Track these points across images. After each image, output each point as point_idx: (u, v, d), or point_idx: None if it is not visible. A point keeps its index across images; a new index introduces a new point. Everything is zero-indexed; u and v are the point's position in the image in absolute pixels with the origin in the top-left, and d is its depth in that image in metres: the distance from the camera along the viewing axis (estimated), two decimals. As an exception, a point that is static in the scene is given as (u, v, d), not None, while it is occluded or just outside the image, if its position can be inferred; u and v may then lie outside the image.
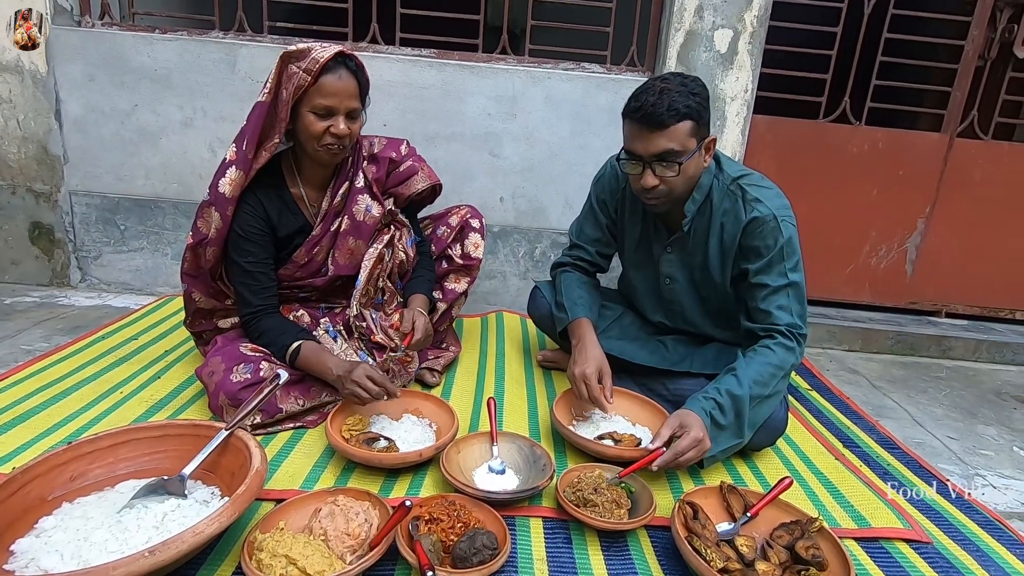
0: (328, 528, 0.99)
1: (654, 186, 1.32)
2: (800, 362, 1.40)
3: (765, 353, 1.35)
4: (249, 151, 1.33)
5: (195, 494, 1.05)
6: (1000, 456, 1.64)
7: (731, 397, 1.29)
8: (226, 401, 1.32)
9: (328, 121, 1.32)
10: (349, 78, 1.32)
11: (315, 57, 1.27)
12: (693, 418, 1.24)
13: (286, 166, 1.46)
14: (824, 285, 2.56)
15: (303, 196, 1.47)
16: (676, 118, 1.25)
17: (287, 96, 1.29)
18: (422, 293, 1.60)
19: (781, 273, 1.37)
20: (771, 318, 1.38)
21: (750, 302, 1.43)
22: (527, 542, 1.09)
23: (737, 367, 1.34)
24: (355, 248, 1.52)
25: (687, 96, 1.26)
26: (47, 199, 2.28)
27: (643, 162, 1.31)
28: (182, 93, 2.21)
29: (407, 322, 1.47)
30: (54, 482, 1.02)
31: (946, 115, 2.39)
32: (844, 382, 2.07)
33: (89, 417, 1.39)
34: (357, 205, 1.49)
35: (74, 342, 1.77)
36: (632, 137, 1.32)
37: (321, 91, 1.29)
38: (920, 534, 1.20)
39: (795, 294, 1.38)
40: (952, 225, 2.50)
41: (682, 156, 1.29)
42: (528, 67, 2.26)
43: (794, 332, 1.37)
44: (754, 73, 2.24)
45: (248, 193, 1.39)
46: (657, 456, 1.19)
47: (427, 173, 1.63)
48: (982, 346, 2.40)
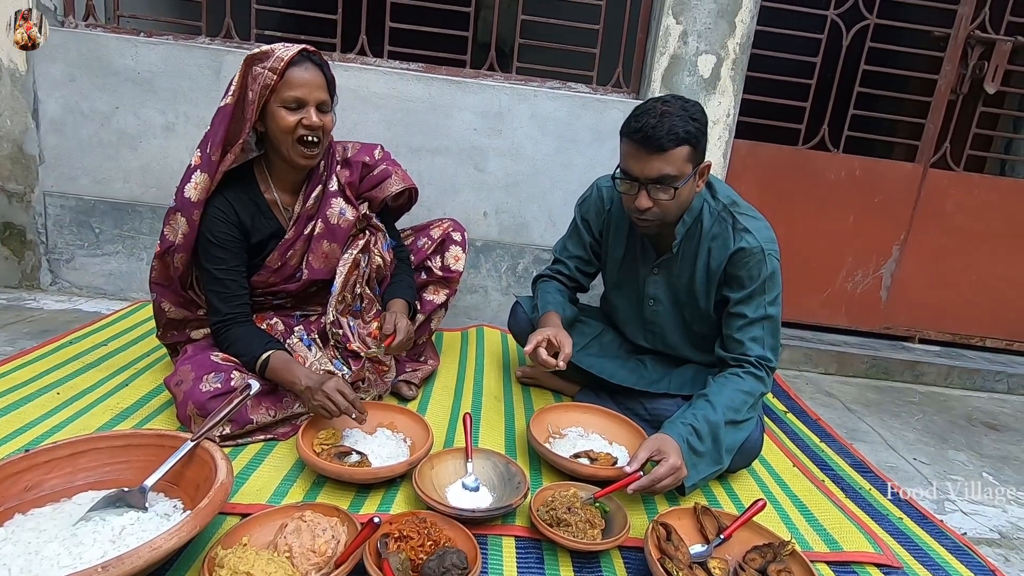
0: (293, 544, 0.96)
1: (648, 207, 1.33)
2: (768, 391, 1.43)
3: (735, 380, 1.37)
4: (214, 154, 1.32)
5: (156, 507, 1.02)
6: (970, 482, 1.66)
7: (707, 423, 1.29)
8: (195, 411, 1.28)
9: (299, 114, 1.32)
10: (315, 70, 1.33)
11: (279, 56, 1.28)
12: (671, 444, 1.23)
13: (259, 171, 1.45)
14: (801, 308, 2.60)
15: (276, 201, 1.46)
16: (675, 143, 1.25)
17: (254, 97, 1.29)
18: (402, 298, 1.58)
19: (760, 305, 1.39)
20: (743, 348, 1.40)
21: (726, 329, 1.44)
22: (499, 561, 1.07)
23: (709, 393, 1.34)
24: (330, 252, 1.50)
25: (687, 121, 1.26)
26: (20, 199, 2.23)
27: (639, 183, 1.32)
28: (165, 97, 2.19)
29: (388, 324, 1.45)
30: (7, 492, 0.98)
31: (920, 146, 2.46)
32: (819, 404, 2.09)
33: (50, 424, 1.34)
34: (331, 208, 1.48)
35: (39, 347, 1.72)
36: (629, 157, 1.32)
37: (289, 84, 1.30)
38: (891, 559, 1.20)
39: (770, 327, 1.40)
40: (925, 253, 2.55)
41: (678, 181, 1.30)
42: (515, 84, 2.28)
43: (764, 364, 1.39)
44: (736, 98, 2.29)
45: (218, 197, 1.37)
46: (634, 480, 1.18)
47: (401, 176, 1.62)
48: (953, 372, 2.45)
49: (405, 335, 1.45)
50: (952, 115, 2.43)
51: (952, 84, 2.39)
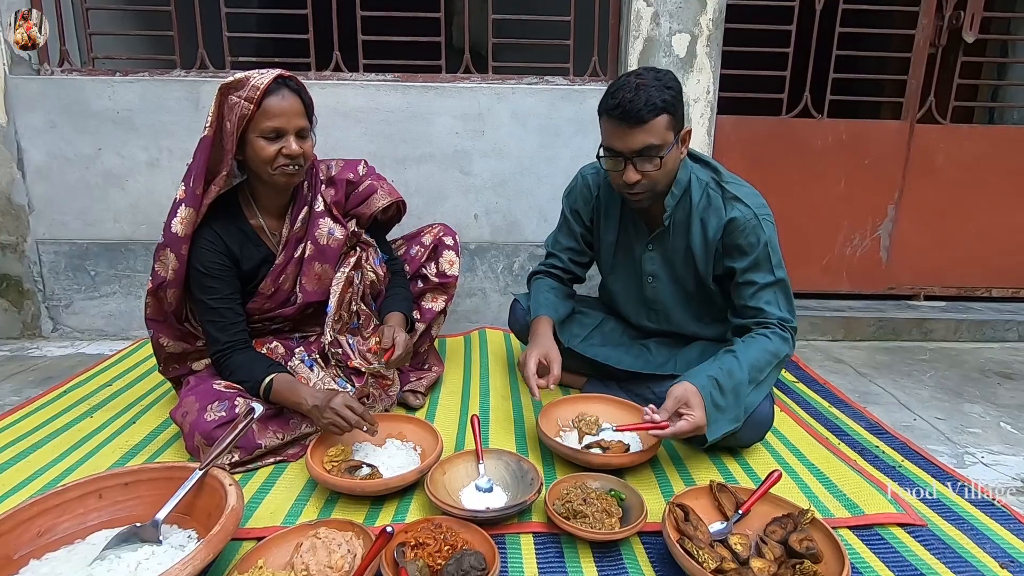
0: (310, 563, 0.96)
1: (636, 180, 1.34)
2: (792, 354, 1.42)
3: (763, 340, 1.36)
4: (197, 187, 1.31)
5: (171, 539, 1.02)
6: (988, 433, 1.64)
7: (731, 379, 1.28)
8: (202, 441, 1.28)
9: (279, 143, 1.31)
10: (292, 97, 1.32)
11: (255, 84, 1.26)
12: (696, 398, 1.23)
13: (243, 199, 1.44)
14: (802, 277, 2.58)
15: (263, 227, 1.45)
16: (654, 112, 1.27)
17: (231, 128, 1.28)
18: (399, 311, 1.57)
19: (768, 270, 1.39)
20: (763, 313, 1.40)
21: (738, 300, 1.44)
22: (518, 559, 1.07)
23: (736, 350, 1.34)
24: (322, 273, 1.49)
25: (663, 90, 1.27)
26: (14, 250, 2.24)
27: (624, 158, 1.33)
28: (146, 134, 2.19)
29: (387, 338, 1.43)
30: (20, 539, 0.98)
31: (904, 103, 2.44)
32: (829, 371, 2.07)
33: (61, 469, 1.35)
34: (319, 229, 1.47)
35: (44, 394, 1.73)
36: (611, 134, 1.33)
37: (267, 114, 1.28)
38: (914, 517, 1.18)
39: (782, 290, 1.41)
40: (921, 209, 2.53)
41: (662, 150, 1.31)
42: (492, 84, 2.27)
43: (786, 325, 1.38)
44: (714, 75, 2.28)
45: (205, 229, 1.36)
46: (660, 427, 1.20)
47: (387, 191, 1.61)
48: (962, 326, 2.43)
49: (404, 348, 1.44)
50: (934, 68, 2.41)
51: (930, 37, 2.37)
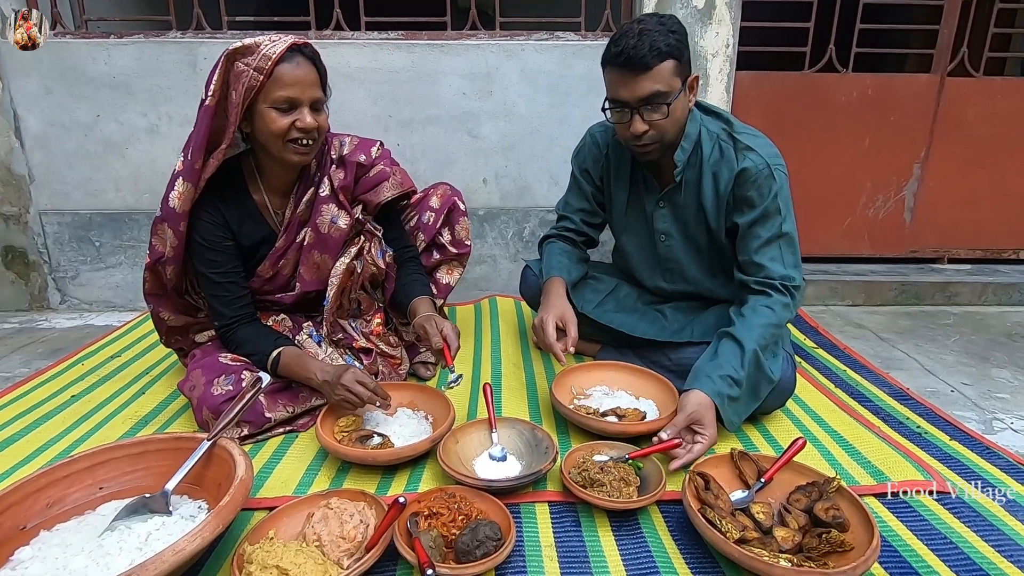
0: (322, 533, 0.94)
1: (644, 131, 1.28)
2: (794, 313, 1.38)
3: (762, 313, 1.31)
4: (196, 160, 1.22)
5: (180, 510, 1.00)
6: (1017, 398, 1.59)
7: (739, 370, 1.25)
8: (210, 416, 1.26)
9: (292, 115, 1.21)
10: (308, 65, 1.21)
11: (266, 53, 1.16)
12: (709, 414, 1.21)
13: (246, 169, 1.35)
14: (822, 240, 2.50)
15: (266, 203, 1.37)
16: (659, 58, 1.21)
17: (237, 98, 1.18)
18: (424, 295, 1.47)
19: (774, 224, 1.33)
20: (764, 270, 1.34)
21: (742, 255, 1.38)
22: (534, 529, 1.04)
23: (737, 333, 1.29)
24: (321, 263, 1.42)
25: (666, 34, 1.22)
26: (17, 221, 2.21)
27: (630, 108, 1.27)
28: (144, 99, 2.13)
29: (435, 337, 1.32)
30: (30, 510, 0.97)
31: (935, 54, 2.31)
32: (850, 337, 2.02)
33: (72, 439, 1.34)
34: (322, 216, 1.38)
35: (54, 365, 1.71)
36: (616, 84, 1.27)
37: (279, 82, 1.18)
38: (942, 484, 1.15)
39: (787, 245, 1.35)
40: (949, 168, 2.43)
41: (669, 97, 1.25)
42: (500, 41, 2.17)
43: (788, 285, 1.33)
44: (734, 27, 2.16)
45: (205, 202, 1.29)
46: (672, 446, 1.17)
47: (399, 180, 1.49)
48: (988, 289, 2.35)
49: (458, 336, 1.35)
50: (967, 17, 2.27)
51: (965, -17, 2.23)
